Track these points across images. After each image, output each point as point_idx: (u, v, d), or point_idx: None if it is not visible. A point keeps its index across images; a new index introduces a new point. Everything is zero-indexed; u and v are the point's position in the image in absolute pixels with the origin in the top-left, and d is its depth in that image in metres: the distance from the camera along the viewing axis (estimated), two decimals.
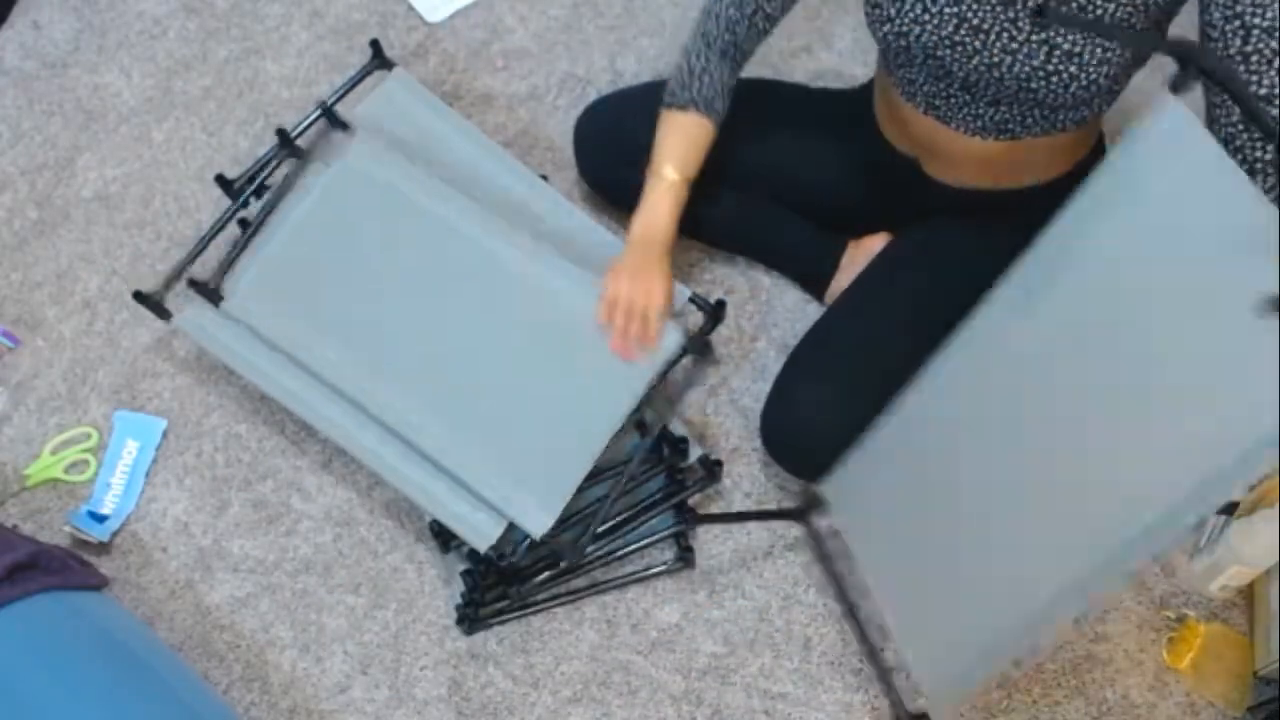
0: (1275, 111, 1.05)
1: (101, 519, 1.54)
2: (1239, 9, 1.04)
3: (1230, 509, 1.43)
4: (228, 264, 1.53)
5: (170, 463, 1.59)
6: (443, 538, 1.47)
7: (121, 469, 1.57)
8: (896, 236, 1.53)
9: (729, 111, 1.41)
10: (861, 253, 1.57)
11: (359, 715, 1.42)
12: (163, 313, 1.54)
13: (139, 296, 1.57)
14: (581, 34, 1.96)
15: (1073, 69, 1.17)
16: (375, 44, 1.77)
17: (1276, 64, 1.04)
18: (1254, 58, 1.04)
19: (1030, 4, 1.15)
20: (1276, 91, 1.04)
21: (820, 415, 1.38)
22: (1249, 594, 1.44)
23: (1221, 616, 1.44)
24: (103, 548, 1.52)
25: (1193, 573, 1.45)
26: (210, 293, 1.52)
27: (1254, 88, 1.05)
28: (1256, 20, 1.03)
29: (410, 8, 1.99)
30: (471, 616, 1.43)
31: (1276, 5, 1.02)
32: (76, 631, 1.24)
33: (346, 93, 1.73)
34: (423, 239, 1.49)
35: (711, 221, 1.66)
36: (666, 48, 1.94)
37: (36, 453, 1.60)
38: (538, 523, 1.35)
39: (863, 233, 1.59)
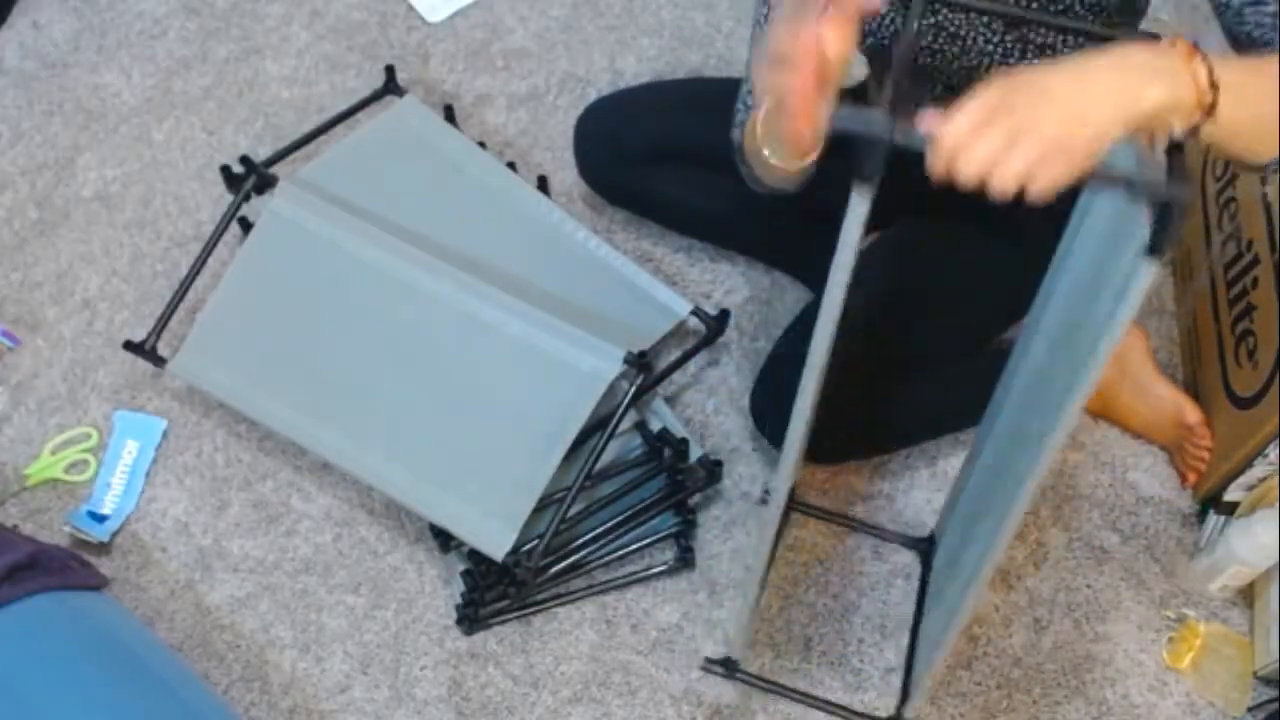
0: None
1: (101, 519, 1.54)
2: None
3: (1230, 509, 1.43)
4: (164, 321, 1.60)
5: (170, 463, 1.59)
6: (443, 538, 1.47)
7: (121, 469, 1.57)
8: (884, 230, 1.53)
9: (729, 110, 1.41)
10: None
11: (359, 715, 1.42)
12: (157, 360, 1.60)
13: (129, 346, 1.59)
14: (581, 34, 1.96)
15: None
16: (390, 70, 1.80)
17: None
18: None
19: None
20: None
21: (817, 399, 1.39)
22: (1249, 594, 1.44)
23: (1221, 616, 1.44)
24: (103, 548, 1.52)
25: (1193, 573, 1.45)
26: (151, 354, 1.60)
27: None
28: None
29: (410, 8, 2.00)
30: (471, 616, 1.43)
31: None
32: (76, 631, 1.24)
33: (353, 114, 1.78)
34: (353, 281, 1.53)
35: (712, 219, 1.66)
36: (666, 48, 1.94)
37: (36, 453, 1.60)
38: (498, 545, 1.38)
39: (872, 225, 1.59)
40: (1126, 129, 0.77)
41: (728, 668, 1.32)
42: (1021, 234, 1.27)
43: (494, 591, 1.44)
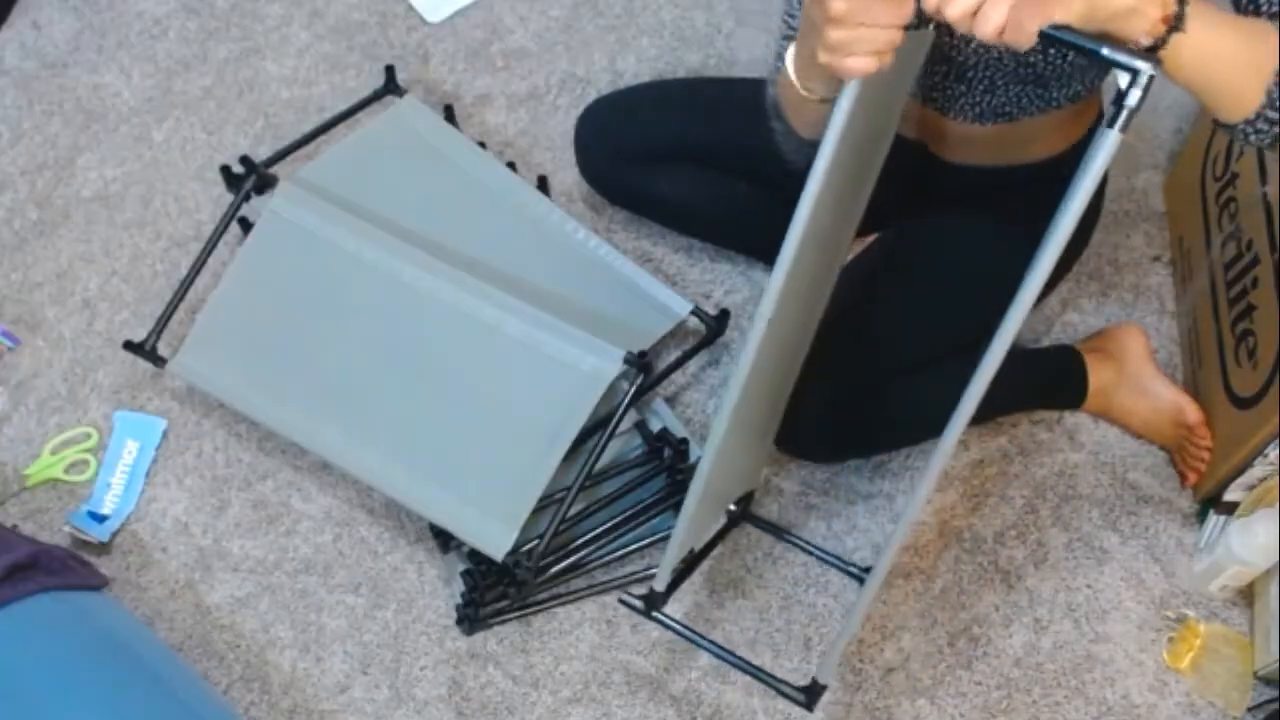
0: None
1: (101, 519, 1.54)
2: None
3: (1230, 509, 1.43)
4: (164, 321, 1.60)
5: (170, 463, 1.59)
6: (443, 538, 1.47)
7: (121, 469, 1.57)
8: (883, 231, 1.52)
9: (740, 106, 1.41)
10: None
11: (359, 715, 1.42)
12: (157, 360, 1.59)
13: (129, 346, 1.59)
14: (581, 34, 1.96)
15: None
16: (390, 70, 1.80)
17: None
18: None
19: None
20: None
21: (817, 397, 1.38)
22: (1249, 594, 1.44)
23: (1221, 616, 1.44)
24: (103, 548, 1.52)
25: (1193, 573, 1.46)
26: (151, 354, 1.59)
27: None
28: None
29: (410, 8, 1.99)
30: (471, 616, 1.43)
31: None
32: (76, 631, 1.24)
33: (353, 114, 1.77)
34: (353, 281, 1.52)
35: (712, 219, 1.66)
36: (666, 48, 1.94)
37: (36, 453, 1.60)
38: (498, 545, 1.38)
39: (875, 226, 1.58)
40: (1091, 17, 0.84)
41: (648, 604, 1.30)
42: (1020, 230, 1.26)
43: (494, 591, 1.44)
